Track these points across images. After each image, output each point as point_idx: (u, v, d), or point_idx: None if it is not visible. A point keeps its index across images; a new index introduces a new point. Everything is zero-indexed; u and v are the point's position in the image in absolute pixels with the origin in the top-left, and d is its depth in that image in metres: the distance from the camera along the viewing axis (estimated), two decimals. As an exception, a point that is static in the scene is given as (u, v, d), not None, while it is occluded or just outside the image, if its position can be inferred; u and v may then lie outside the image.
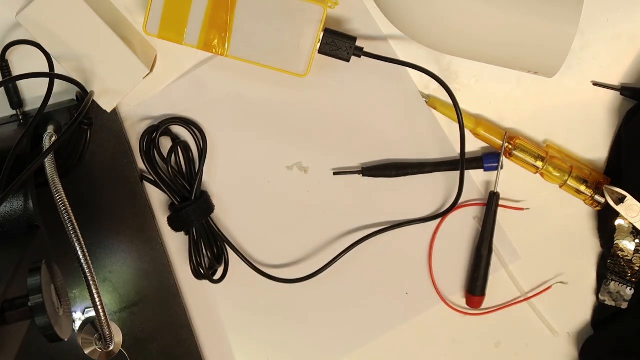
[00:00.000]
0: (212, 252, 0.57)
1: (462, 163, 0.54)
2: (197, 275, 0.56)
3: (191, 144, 0.56)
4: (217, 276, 0.57)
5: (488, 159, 0.56)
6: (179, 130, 0.56)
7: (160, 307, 0.57)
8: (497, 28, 0.48)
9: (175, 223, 0.55)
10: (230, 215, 0.57)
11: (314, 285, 0.58)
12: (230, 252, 0.57)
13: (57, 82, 0.49)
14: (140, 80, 0.51)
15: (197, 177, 0.55)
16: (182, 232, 0.56)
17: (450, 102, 0.53)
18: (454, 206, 0.56)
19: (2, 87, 0.53)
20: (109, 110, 0.52)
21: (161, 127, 0.54)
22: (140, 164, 0.55)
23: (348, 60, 0.52)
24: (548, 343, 0.60)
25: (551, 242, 0.58)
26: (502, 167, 0.56)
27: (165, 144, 0.56)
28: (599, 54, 0.55)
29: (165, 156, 0.55)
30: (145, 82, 0.52)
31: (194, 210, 0.54)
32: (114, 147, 0.55)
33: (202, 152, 0.55)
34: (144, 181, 0.56)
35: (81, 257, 0.43)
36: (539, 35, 0.48)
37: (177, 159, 0.55)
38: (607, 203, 0.54)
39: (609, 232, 0.55)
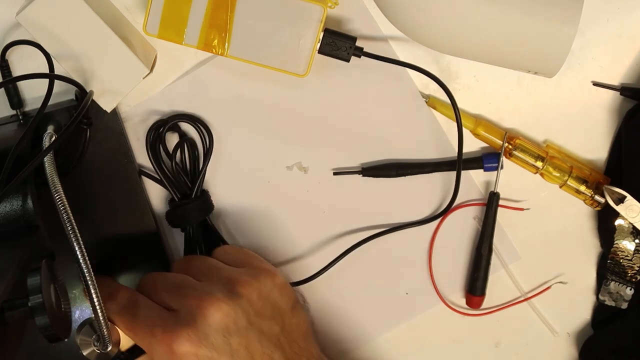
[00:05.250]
0: (208, 252, 0.56)
1: (459, 163, 0.54)
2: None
3: (197, 142, 0.56)
4: (217, 276, 0.57)
5: (488, 159, 0.56)
6: (186, 128, 0.56)
7: (160, 307, 0.57)
8: (497, 28, 0.48)
9: (174, 219, 0.55)
10: (229, 215, 0.57)
11: (312, 285, 0.57)
12: (230, 252, 0.57)
13: (57, 82, 0.49)
14: (140, 80, 0.51)
15: (200, 175, 0.55)
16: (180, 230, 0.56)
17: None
18: (450, 206, 0.56)
19: (2, 88, 0.53)
20: (109, 111, 0.52)
21: (169, 122, 0.54)
22: (144, 159, 0.55)
23: (348, 60, 0.52)
24: (548, 343, 0.60)
25: (551, 242, 0.58)
26: (502, 167, 0.56)
27: (171, 140, 0.56)
28: (599, 54, 0.55)
29: (171, 152, 0.55)
30: (145, 82, 0.52)
31: (193, 208, 0.54)
32: (114, 147, 0.55)
33: (208, 151, 0.55)
34: (143, 181, 0.56)
35: (80, 257, 0.43)
36: (539, 35, 0.48)
37: (182, 156, 0.55)
38: (607, 203, 0.54)
39: (609, 232, 0.55)
